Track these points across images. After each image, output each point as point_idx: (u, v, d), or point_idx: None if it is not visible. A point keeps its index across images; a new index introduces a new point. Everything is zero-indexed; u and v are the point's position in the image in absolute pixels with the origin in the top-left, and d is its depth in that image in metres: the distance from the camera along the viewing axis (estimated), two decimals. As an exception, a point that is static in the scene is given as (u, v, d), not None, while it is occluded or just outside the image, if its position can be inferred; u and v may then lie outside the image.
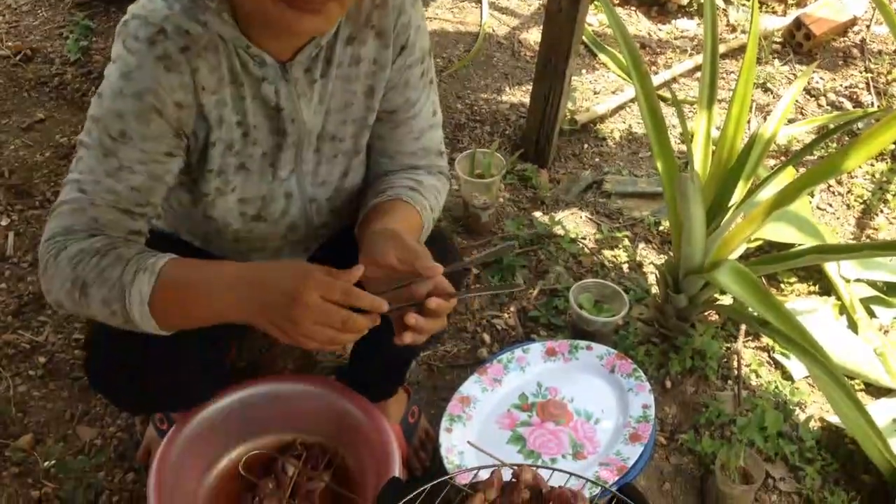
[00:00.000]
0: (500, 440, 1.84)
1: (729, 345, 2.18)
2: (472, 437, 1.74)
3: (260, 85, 1.25)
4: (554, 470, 1.19)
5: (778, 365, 2.14)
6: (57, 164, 2.56)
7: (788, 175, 2.20)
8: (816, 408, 2.04)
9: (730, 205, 1.93)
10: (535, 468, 1.15)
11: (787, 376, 2.11)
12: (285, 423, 1.81)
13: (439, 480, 1.17)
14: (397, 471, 1.58)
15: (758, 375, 2.11)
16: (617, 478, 1.68)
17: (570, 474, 1.20)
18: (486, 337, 2.19)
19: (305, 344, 1.08)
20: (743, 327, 2.19)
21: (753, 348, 2.19)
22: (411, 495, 1.13)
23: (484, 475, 1.20)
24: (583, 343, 2.01)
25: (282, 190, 1.39)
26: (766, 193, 1.95)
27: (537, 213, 2.55)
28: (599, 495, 1.21)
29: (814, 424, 1.99)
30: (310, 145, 1.37)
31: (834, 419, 1.95)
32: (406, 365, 1.82)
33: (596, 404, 1.91)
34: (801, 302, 2.25)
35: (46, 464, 1.78)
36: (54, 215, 1.21)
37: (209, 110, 1.23)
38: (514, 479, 1.16)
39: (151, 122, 1.17)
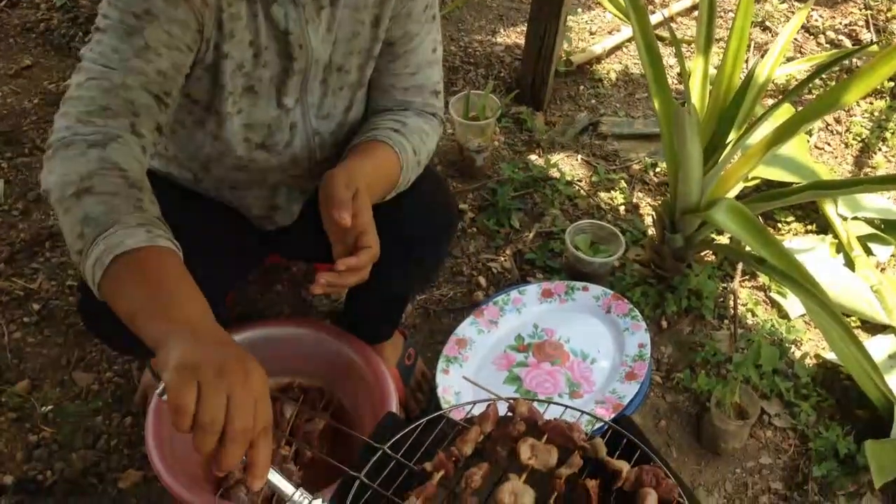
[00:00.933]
0: (496, 381, 1.85)
1: (725, 285, 2.17)
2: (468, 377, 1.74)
3: (270, 6, 1.23)
4: (549, 403, 1.19)
5: (774, 304, 2.14)
6: (46, 111, 2.53)
7: (786, 113, 2.17)
8: (812, 345, 2.05)
9: (727, 142, 1.91)
10: (530, 401, 1.15)
11: (783, 315, 2.11)
12: (282, 367, 1.81)
13: (435, 415, 1.16)
14: (394, 411, 1.59)
15: (754, 315, 2.11)
16: (613, 415, 1.69)
17: (566, 407, 1.20)
18: (482, 280, 2.18)
19: (183, 392, 0.85)
20: (739, 267, 2.18)
21: (750, 288, 2.19)
22: (407, 429, 1.13)
23: (479, 410, 1.20)
24: (579, 284, 2.00)
25: (287, 120, 1.38)
26: (764, 131, 1.92)
27: (533, 156, 2.53)
28: (596, 431, 1.21)
29: (809, 361, 1.99)
30: (316, 75, 1.35)
31: (830, 356, 1.96)
32: (400, 307, 1.82)
33: (592, 344, 1.91)
34: (797, 241, 2.24)
35: (44, 409, 1.78)
36: (81, 88, 1.10)
37: (226, 20, 1.20)
38: (509, 413, 1.16)
39: (179, 6, 1.13)
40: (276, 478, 0.92)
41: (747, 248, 1.97)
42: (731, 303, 2.12)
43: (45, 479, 1.68)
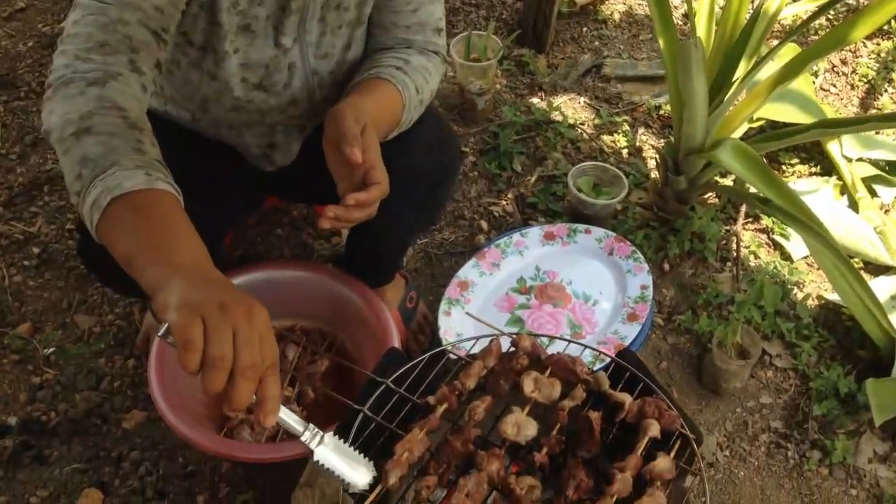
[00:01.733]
0: (498, 322, 1.85)
1: (728, 227, 2.16)
2: (470, 321, 1.74)
3: None
4: (551, 338, 1.19)
5: (777, 246, 2.13)
6: (41, 54, 2.49)
7: (791, 52, 2.14)
8: (815, 287, 2.04)
9: (733, 80, 1.88)
10: (533, 336, 1.15)
11: (786, 257, 2.10)
12: (284, 310, 1.81)
13: (437, 350, 1.16)
14: (396, 351, 1.59)
15: (756, 257, 2.10)
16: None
17: (569, 341, 1.20)
18: (484, 224, 2.17)
19: (189, 328, 0.83)
20: (742, 209, 2.17)
21: (753, 230, 2.17)
22: (410, 364, 1.13)
23: (482, 346, 1.20)
24: (581, 227, 1.99)
25: (285, 60, 1.35)
26: (770, 70, 1.89)
27: (535, 100, 2.50)
28: (599, 367, 1.21)
29: (811, 302, 1.99)
30: (314, 14, 1.32)
31: (832, 296, 1.95)
32: (402, 250, 1.81)
33: (594, 286, 1.91)
34: (802, 183, 2.23)
35: (46, 351, 1.78)
36: (78, 25, 1.08)
37: None
38: (512, 348, 1.16)
39: None
40: (286, 414, 0.92)
41: (751, 189, 1.96)
42: (734, 245, 2.11)
43: (48, 419, 1.69)
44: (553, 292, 1.90)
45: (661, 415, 1.05)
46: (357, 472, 0.95)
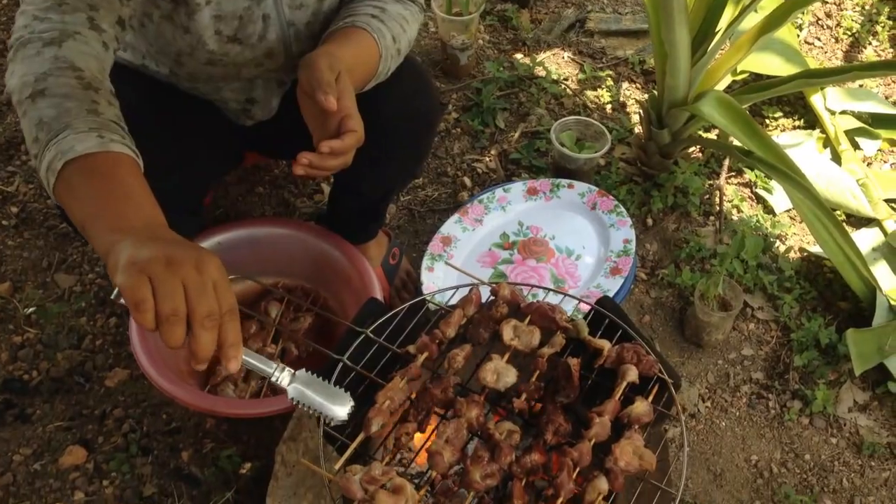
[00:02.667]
0: (481, 278, 1.84)
1: (711, 182, 2.16)
2: (453, 276, 1.74)
3: None
4: (532, 287, 1.19)
5: (760, 200, 2.13)
6: (10, 11, 2.44)
7: (775, 1, 2.12)
8: (797, 239, 2.05)
9: (716, 30, 1.86)
10: (513, 285, 1.14)
11: (768, 210, 2.11)
12: (266, 268, 1.80)
13: (418, 300, 1.16)
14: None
15: (739, 210, 2.10)
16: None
17: (549, 290, 1.20)
18: (467, 180, 2.16)
19: (137, 286, 0.82)
20: (726, 163, 2.16)
21: (736, 184, 2.17)
22: (390, 314, 1.12)
23: (463, 295, 1.20)
24: (564, 181, 1.98)
25: (259, 11, 1.32)
26: (754, 21, 1.87)
27: (518, 55, 2.47)
28: (582, 315, 1.21)
29: (793, 255, 2.00)
30: None
31: (814, 249, 1.96)
32: (383, 205, 1.79)
33: (577, 241, 1.91)
34: (785, 136, 2.22)
35: (26, 310, 1.77)
36: None
37: None
38: (492, 297, 1.16)
39: None
40: (252, 357, 0.92)
41: (734, 142, 1.95)
42: (717, 199, 2.11)
43: (30, 378, 1.68)
44: (536, 247, 1.90)
45: (640, 360, 1.06)
46: (334, 405, 0.96)
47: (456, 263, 1.84)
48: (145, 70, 1.47)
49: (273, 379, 0.94)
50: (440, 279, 1.81)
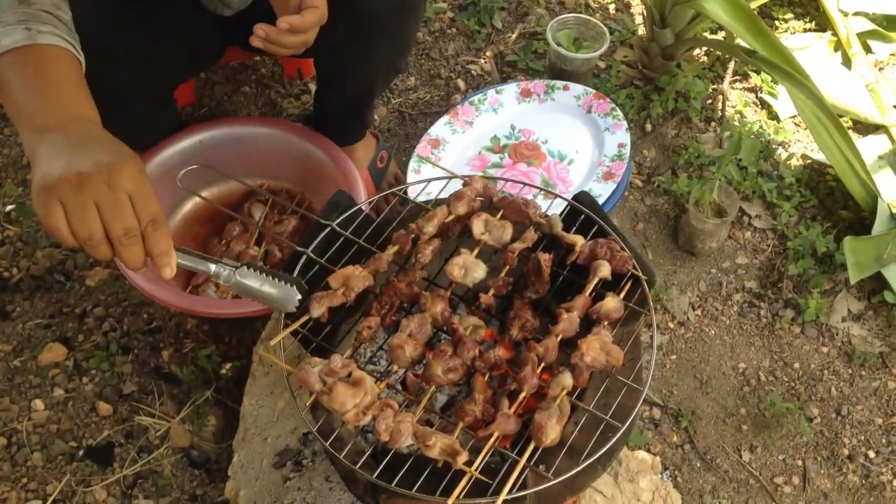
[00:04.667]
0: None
1: (715, 86, 2.07)
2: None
3: None
4: (506, 181, 1.14)
5: (764, 105, 2.05)
6: None
7: None
8: (800, 147, 1.98)
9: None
10: (486, 179, 1.10)
11: (772, 116, 2.03)
12: (250, 168, 1.75)
13: (385, 193, 1.12)
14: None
15: (742, 116, 2.02)
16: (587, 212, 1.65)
17: (523, 184, 1.15)
18: (461, 83, 2.09)
19: (49, 216, 0.82)
20: (730, 66, 2.07)
21: (740, 89, 2.09)
22: (355, 207, 1.08)
23: (437, 187, 1.16)
24: (559, 83, 1.91)
25: None
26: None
27: (519, -48, 2.36)
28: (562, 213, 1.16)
29: (795, 163, 1.93)
30: None
31: (818, 156, 1.89)
32: (368, 103, 1.73)
33: (570, 145, 1.84)
34: (795, 38, 2.12)
35: (6, 208, 1.75)
36: None
37: None
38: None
39: None
40: (188, 260, 0.90)
41: (739, 42, 1.86)
42: (720, 105, 2.03)
43: (10, 276, 1.67)
44: (527, 151, 1.84)
45: (613, 256, 1.02)
46: (283, 294, 0.93)
47: (444, 167, 1.80)
48: None
49: (214, 277, 0.91)
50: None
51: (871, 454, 1.55)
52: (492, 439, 0.90)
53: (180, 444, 1.51)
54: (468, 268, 1.02)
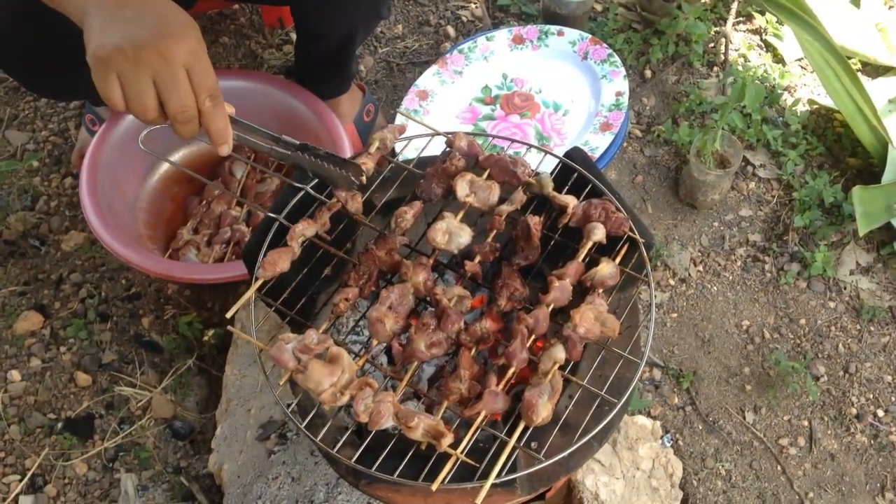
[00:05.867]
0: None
1: (717, 29, 1.97)
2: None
3: None
4: (491, 137, 1.06)
5: (769, 48, 1.95)
6: None
7: None
8: (806, 91, 1.89)
9: None
10: (470, 135, 1.02)
11: (778, 59, 1.93)
12: (230, 124, 1.67)
13: (360, 152, 1.04)
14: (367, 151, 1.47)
15: (746, 60, 1.93)
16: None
17: (511, 140, 1.07)
18: (451, 30, 1.99)
19: (106, 89, 0.82)
20: (734, 7, 1.97)
21: (744, 31, 1.99)
22: (324, 153, 0.99)
23: (420, 144, 1.08)
24: (553, 28, 1.81)
25: None
26: None
27: None
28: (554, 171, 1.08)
29: (801, 108, 1.84)
30: None
31: (825, 100, 1.80)
32: (348, 52, 1.63)
33: (565, 94, 1.76)
34: (801, -24, 2.01)
35: (-25, 172, 1.67)
36: None
37: None
38: (447, 148, 1.03)
39: None
40: (245, 134, 0.91)
41: (742, -18, 1.76)
42: (723, 48, 1.94)
43: (-18, 242, 1.60)
44: (520, 102, 1.75)
45: (608, 217, 0.94)
46: (340, 176, 0.94)
47: (433, 120, 1.71)
48: None
49: (277, 147, 0.92)
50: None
51: (881, 413, 1.49)
52: (479, 419, 0.84)
53: (163, 414, 1.45)
54: (452, 233, 0.95)
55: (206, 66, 0.85)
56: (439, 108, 1.74)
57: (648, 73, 1.92)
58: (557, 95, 1.75)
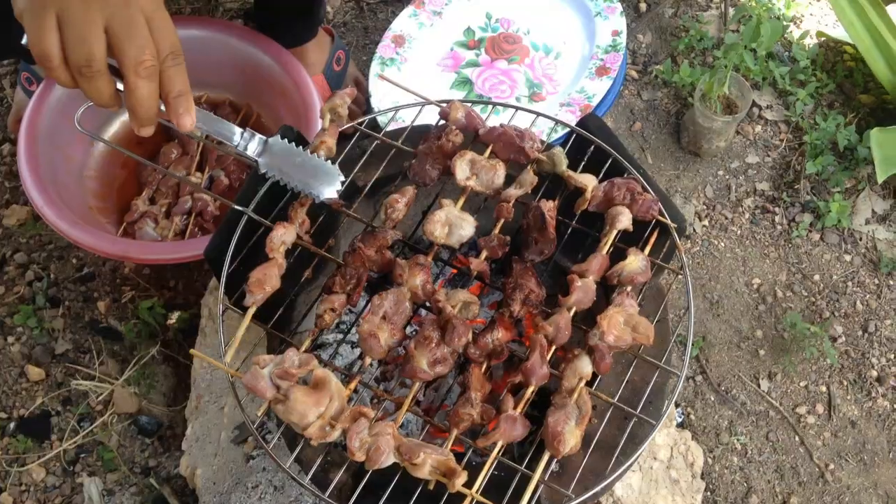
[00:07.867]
0: (442, 85, 1.56)
1: (716, -46, 1.81)
2: (408, 83, 1.45)
3: None
4: (493, 104, 0.91)
5: (773, -25, 1.80)
6: None
7: None
8: (814, 22, 1.74)
9: None
10: (468, 104, 0.87)
11: (782, -13, 1.78)
12: (185, 78, 1.50)
13: (347, 126, 0.88)
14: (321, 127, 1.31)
15: (749, -11, 1.77)
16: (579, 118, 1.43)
17: (515, 108, 0.92)
18: (426, -38, 1.80)
19: (38, 32, 0.67)
20: (734, -70, 1.80)
21: (745, -43, 1.83)
22: (311, 143, 0.85)
23: (409, 116, 0.93)
24: (541, -41, 1.64)
25: None
26: None
27: None
28: (557, 140, 0.94)
29: (810, 42, 1.70)
30: None
31: (835, 32, 1.66)
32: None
33: (557, 35, 1.61)
34: None
35: None
36: None
37: None
38: (442, 121, 0.88)
39: None
40: (210, 119, 0.75)
41: None
42: (723, -24, 1.78)
43: None
44: (507, 45, 1.59)
45: (634, 200, 0.80)
46: (319, 181, 0.78)
47: (411, 69, 1.56)
48: None
49: (238, 148, 0.76)
50: (393, 89, 1.51)
51: (903, 376, 1.40)
52: (495, 450, 0.72)
53: (126, 409, 1.32)
54: (452, 224, 0.81)
55: (168, 20, 0.71)
56: (418, 54, 1.58)
57: (643, 6, 1.77)
58: (548, 37, 1.60)
